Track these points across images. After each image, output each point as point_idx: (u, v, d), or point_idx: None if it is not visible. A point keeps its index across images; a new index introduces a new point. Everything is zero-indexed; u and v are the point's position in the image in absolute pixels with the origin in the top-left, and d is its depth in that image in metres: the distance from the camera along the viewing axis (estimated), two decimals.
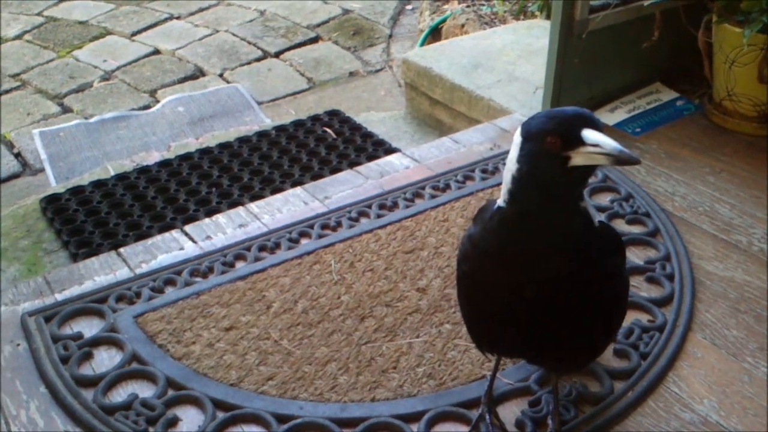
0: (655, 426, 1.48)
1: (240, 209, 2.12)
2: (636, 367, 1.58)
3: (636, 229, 1.99)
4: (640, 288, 1.80)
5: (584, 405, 1.52)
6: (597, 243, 1.22)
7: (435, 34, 3.99)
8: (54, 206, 2.49)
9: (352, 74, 4.05)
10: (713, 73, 2.45)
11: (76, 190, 2.57)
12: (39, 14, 4.61)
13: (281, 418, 1.49)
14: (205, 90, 3.87)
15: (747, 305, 1.76)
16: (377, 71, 4.09)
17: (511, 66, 2.86)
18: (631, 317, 1.70)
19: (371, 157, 2.71)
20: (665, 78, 2.64)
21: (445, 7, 4.09)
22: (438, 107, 2.88)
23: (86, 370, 1.61)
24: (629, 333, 1.66)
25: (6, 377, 1.60)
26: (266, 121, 3.64)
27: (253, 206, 2.13)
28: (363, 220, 2.05)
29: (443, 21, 3.93)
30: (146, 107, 3.78)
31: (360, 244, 1.95)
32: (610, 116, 2.50)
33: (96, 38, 4.37)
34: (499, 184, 2.15)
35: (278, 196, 2.19)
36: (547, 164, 1.14)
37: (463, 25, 3.78)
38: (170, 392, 1.55)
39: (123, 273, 1.89)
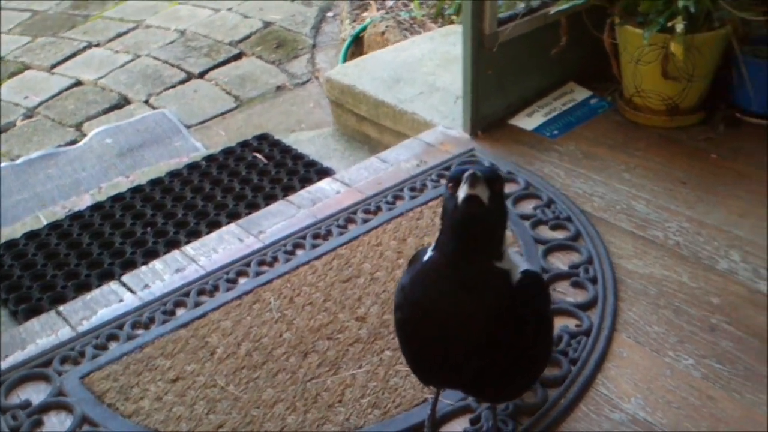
0: (588, 429, 1.58)
1: (176, 253, 2.14)
2: (567, 374, 1.68)
3: (559, 234, 2.09)
4: (566, 293, 1.90)
5: (522, 417, 1.61)
6: (516, 302, 1.30)
7: (357, 42, 4.04)
8: None
9: (279, 88, 4.06)
10: (621, 71, 2.56)
11: (10, 244, 2.55)
12: None
13: None
14: (132, 119, 3.85)
15: (666, 300, 1.87)
16: (304, 83, 4.12)
17: (432, 77, 2.93)
18: (560, 323, 1.79)
19: (303, 180, 2.76)
20: (578, 77, 2.75)
21: (365, 14, 4.14)
22: (365, 123, 2.94)
23: None
24: (558, 340, 1.75)
25: None
26: (196, 145, 3.65)
27: (189, 248, 2.15)
28: (299, 252, 2.10)
29: (363, 29, 3.98)
30: (73, 142, 3.74)
31: (297, 277, 2.00)
32: (528, 121, 2.59)
33: (14, 74, 4.28)
34: (427, 201, 2.24)
35: (213, 235, 2.21)
36: (447, 203, 1.27)
37: (383, 33, 3.84)
38: None
39: (65, 332, 1.90)
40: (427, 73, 2.96)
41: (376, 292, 1.93)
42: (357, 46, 4.06)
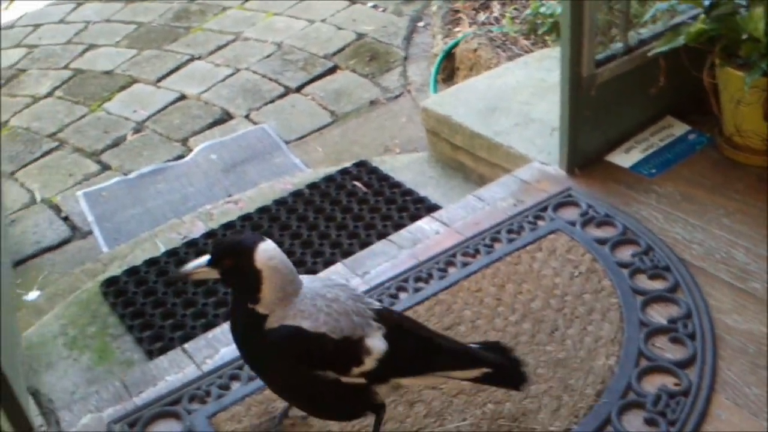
0: None
1: None
2: None
3: (658, 285, 2.13)
4: (664, 349, 1.95)
5: None
6: (265, 343, 1.56)
7: (449, 57, 4.10)
8: (113, 289, 2.69)
9: (372, 103, 4.18)
10: (721, 109, 2.55)
11: (132, 271, 2.77)
12: (66, 67, 4.79)
13: None
14: (235, 134, 4.04)
15: (765, 359, 1.90)
16: (396, 97, 4.23)
17: (527, 106, 2.98)
18: (659, 381, 1.86)
19: (401, 209, 2.89)
20: (675, 111, 2.75)
21: (457, 29, 4.19)
22: (460, 152, 3.02)
23: None
24: (657, 400, 1.82)
25: None
26: (296, 161, 3.81)
27: None
28: (402, 296, 2.21)
29: (456, 45, 4.04)
30: (180, 157, 3.97)
31: None
32: (625, 158, 2.62)
33: (123, 88, 4.54)
34: (525, 245, 2.31)
35: (321, 275, 2.35)
36: None
37: (475, 50, 3.89)
38: None
39: (191, 371, 2.08)
40: (522, 102, 3.01)
41: (477, 341, 2.02)
42: (449, 61, 4.13)
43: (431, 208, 2.87)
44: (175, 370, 2.10)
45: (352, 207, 2.94)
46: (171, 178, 3.83)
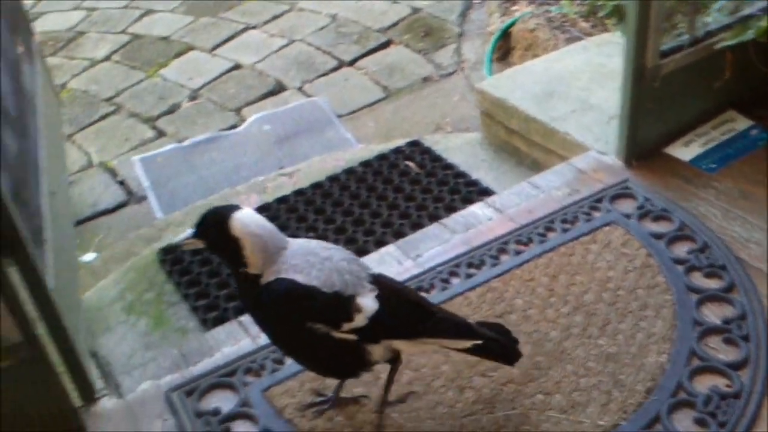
0: None
1: None
2: None
3: (713, 284, 2.12)
4: (717, 350, 1.95)
5: None
6: (267, 295, 1.64)
7: (505, 36, 4.06)
8: (170, 258, 2.76)
9: (425, 79, 4.17)
10: None
11: None
12: (123, 32, 4.85)
13: None
14: (288, 106, 4.08)
15: None
16: (449, 74, 4.21)
17: (585, 92, 2.95)
18: (710, 382, 1.86)
19: (452, 191, 2.89)
20: (739, 104, 2.70)
21: (514, 8, 4.14)
22: (514, 136, 3.01)
23: None
24: (708, 400, 1.82)
25: None
26: (347, 136, 3.83)
27: None
28: (454, 281, 2.23)
29: (512, 24, 4.00)
30: (233, 126, 4.02)
31: (452, 307, 2.13)
32: (685, 151, 2.59)
33: (179, 54, 4.59)
34: (579, 236, 2.31)
35: (374, 255, 2.39)
36: None
37: (532, 30, 3.84)
38: None
39: (246, 344, 2.14)
40: (580, 88, 2.98)
41: (528, 331, 2.05)
42: (505, 40, 4.08)
43: (483, 191, 2.87)
44: (231, 342, 2.16)
45: (404, 187, 2.95)
46: (224, 147, 3.88)
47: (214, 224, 1.65)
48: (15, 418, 1.82)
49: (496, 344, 1.76)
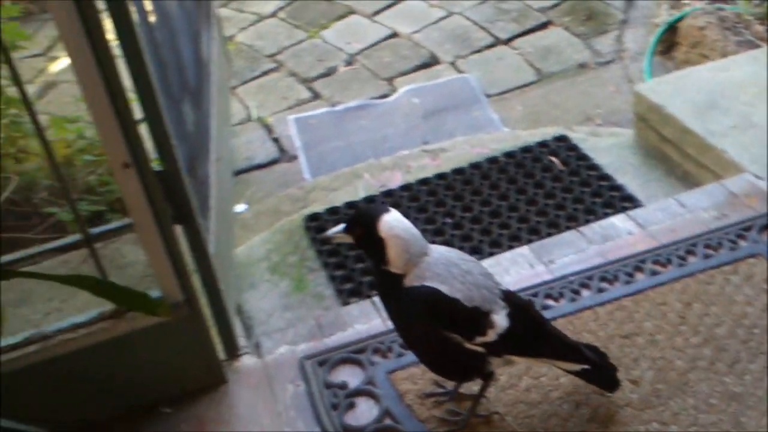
0: None
1: None
2: None
3: None
4: None
5: None
6: (404, 298, 1.73)
7: (672, 30, 3.91)
8: (315, 225, 2.94)
9: (581, 66, 4.11)
10: None
11: (332, 210, 3.00)
12: None
13: None
14: (438, 81, 4.15)
15: None
16: (607, 63, 4.12)
17: (749, 108, 2.83)
18: None
19: (594, 194, 2.88)
20: None
21: (685, 0, 3.96)
22: (667, 144, 2.94)
23: (350, 419, 2.03)
24: None
25: (290, 415, 2.07)
26: (493, 117, 3.87)
27: (484, 265, 2.40)
28: (584, 293, 2.26)
29: (681, 18, 3.84)
30: (384, 96, 4.13)
31: (580, 321, 2.18)
32: None
33: (341, 17, 4.73)
34: (720, 265, 2.27)
35: (507, 255, 2.45)
36: None
37: (702, 28, 3.68)
38: None
39: (377, 324, 2.27)
40: (744, 103, 2.86)
41: (654, 356, 2.06)
42: (670, 33, 3.94)
43: (627, 197, 2.85)
44: (363, 320, 2.31)
45: (545, 183, 2.97)
46: (374, 116, 4.01)
47: (364, 223, 1.76)
48: (170, 369, 2.05)
49: (601, 372, 1.87)
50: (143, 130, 1.76)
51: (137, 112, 1.72)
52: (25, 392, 1.88)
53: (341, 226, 1.81)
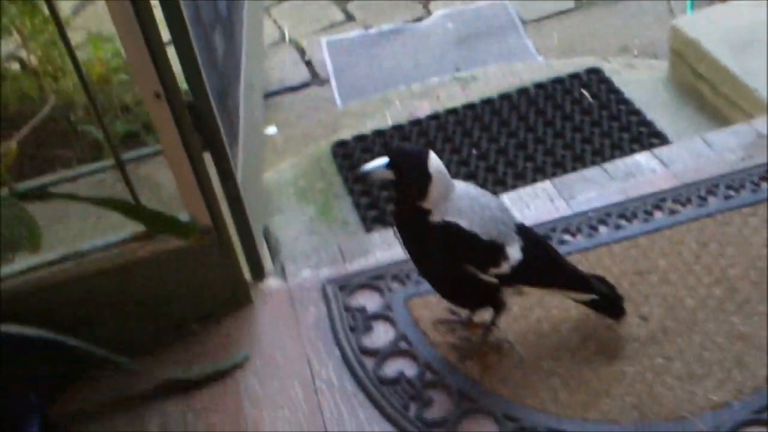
0: None
1: None
2: None
3: None
4: None
5: None
6: (435, 233, 1.78)
7: None
8: (342, 152, 2.99)
9: None
10: None
11: (360, 138, 3.04)
12: None
13: (510, 419, 1.92)
14: (474, 4, 4.08)
15: None
16: None
17: None
18: None
19: (623, 129, 2.88)
20: None
21: None
22: (701, 82, 2.90)
23: (367, 341, 2.14)
24: None
25: (310, 336, 2.18)
26: (528, 44, 3.82)
27: (505, 198, 2.45)
28: (602, 230, 2.30)
29: None
30: (419, 19, 4.10)
31: (595, 256, 2.23)
32: None
33: None
34: (740, 206, 2.28)
35: (528, 189, 2.48)
36: None
37: None
38: (428, 375, 2.04)
39: (397, 252, 2.33)
40: None
41: (664, 293, 2.11)
42: None
43: (655, 134, 2.84)
44: (385, 248, 2.38)
45: (573, 116, 2.97)
46: (407, 41, 3.99)
47: (414, 160, 1.77)
48: (199, 289, 2.16)
49: (608, 301, 1.98)
50: (174, 61, 1.81)
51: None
52: (59, 307, 1.99)
53: (381, 162, 1.79)
